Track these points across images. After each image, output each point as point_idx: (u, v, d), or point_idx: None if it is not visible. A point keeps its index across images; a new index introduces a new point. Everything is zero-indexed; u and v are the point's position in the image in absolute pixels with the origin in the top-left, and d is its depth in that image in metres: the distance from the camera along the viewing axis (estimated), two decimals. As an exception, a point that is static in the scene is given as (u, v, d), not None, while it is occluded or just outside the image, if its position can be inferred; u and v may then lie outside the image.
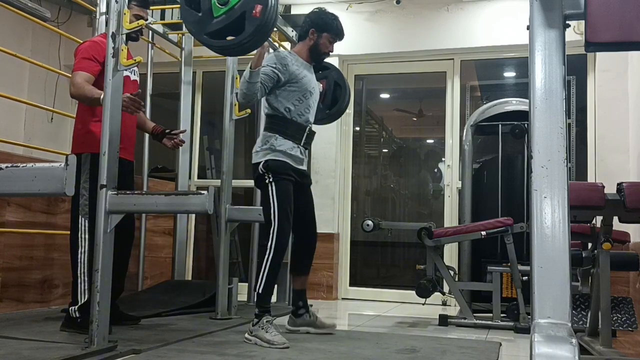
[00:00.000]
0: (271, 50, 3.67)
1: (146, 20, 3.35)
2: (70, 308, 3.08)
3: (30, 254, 3.98)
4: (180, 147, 3.71)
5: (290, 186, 3.15)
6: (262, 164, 3.13)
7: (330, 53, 3.38)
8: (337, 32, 3.33)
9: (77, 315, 3.05)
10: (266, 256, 3.04)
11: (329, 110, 3.67)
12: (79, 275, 3.09)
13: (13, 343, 2.75)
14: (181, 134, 3.58)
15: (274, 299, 3.16)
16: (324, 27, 3.30)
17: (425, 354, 2.85)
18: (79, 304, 3.06)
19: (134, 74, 3.42)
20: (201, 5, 2.65)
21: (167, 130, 3.54)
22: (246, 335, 3.00)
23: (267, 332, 2.92)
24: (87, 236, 3.09)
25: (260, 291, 3.04)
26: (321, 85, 3.52)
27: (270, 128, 3.21)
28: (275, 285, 4.14)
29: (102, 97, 2.92)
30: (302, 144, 3.23)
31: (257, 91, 3.05)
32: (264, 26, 2.61)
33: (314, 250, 3.46)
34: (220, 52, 2.95)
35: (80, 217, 3.11)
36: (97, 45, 3.17)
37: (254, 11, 2.57)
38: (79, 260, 3.10)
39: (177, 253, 4.79)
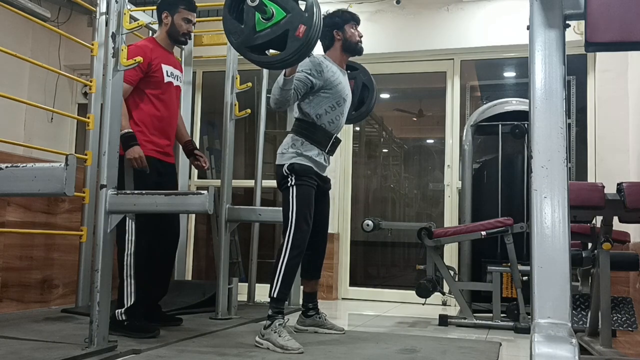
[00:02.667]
0: None
1: (194, 24, 3.38)
2: (117, 311, 3.07)
3: (30, 254, 3.98)
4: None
5: (312, 191, 3.13)
6: (286, 166, 3.10)
7: (362, 37, 3.39)
8: (354, 18, 3.38)
9: (124, 318, 3.05)
10: (281, 258, 2.98)
11: (355, 112, 3.66)
12: (125, 277, 3.10)
13: (13, 343, 2.75)
14: (205, 161, 3.56)
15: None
16: (341, 22, 3.33)
17: (425, 354, 2.86)
18: (126, 306, 3.06)
19: (177, 80, 3.40)
20: (244, 18, 2.62)
21: (196, 151, 3.54)
22: (257, 338, 2.92)
23: (280, 336, 2.85)
24: (133, 238, 3.11)
25: (275, 295, 2.95)
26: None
27: (298, 132, 3.19)
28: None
29: (122, 132, 2.96)
30: (326, 151, 3.23)
31: (290, 98, 3.02)
32: (305, 46, 2.60)
33: (324, 254, 3.46)
34: (260, 65, 2.95)
35: (127, 218, 3.12)
36: (141, 51, 3.18)
37: (297, 31, 2.55)
38: (125, 262, 3.10)
39: (177, 253, 4.78)
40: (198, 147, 5.88)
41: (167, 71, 3.29)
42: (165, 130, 3.31)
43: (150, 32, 4.73)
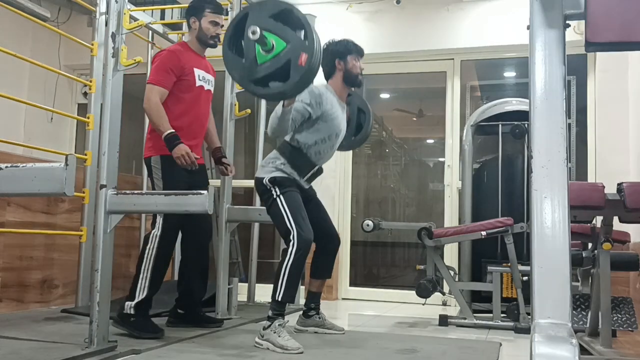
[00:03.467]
0: None
1: (222, 26, 3.38)
2: (126, 303, 3.06)
3: (30, 254, 3.98)
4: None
5: (299, 196, 3.13)
6: (267, 178, 3.11)
7: (362, 69, 3.37)
8: (358, 50, 3.37)
9: (132, 312, 3.04)
10: (286, 261, 2.94)
11: (354, 137, 3.64)
12: (142, 270, 3.09)
13: (13, 343, 2.75)
14: (232, 169, 3.59)
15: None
16: (345, 52, 3.32)
17: (425, 354, 2.86)
18: (136, 300, 3.05)
19: (209, 84, 3.40)
20: (245, 52, 2.60)
21: (224, 159, 3.56)
22: (256, 339, 2.92)
23: (279, 336, 2.84)
24: (159, 233, 3.13)
25: (279, 298, 2.92)
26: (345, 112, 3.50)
27: (282, 152, 3.19)
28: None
29: (165, 134, 3.02)
30: (305, 179, 3.22)
31: (288, 127, 3.04)
32: (308, 74, 2.59)
33: (335, 255, 3.46)
34: (264, 98, 2.95)
35: (157, 215, 3.15)
36: (174, 56, 3.22)
37: (299, 60, 2.53)
38: (145, 255, 3.11)
39: (177, 253, 4.78)
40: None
41: (198, 75, 3.30)
42: (194, 133, 3.32)
43: (150, 32, 4.74)
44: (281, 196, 3.07)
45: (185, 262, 3.47)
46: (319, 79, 2.78)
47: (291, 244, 2.96)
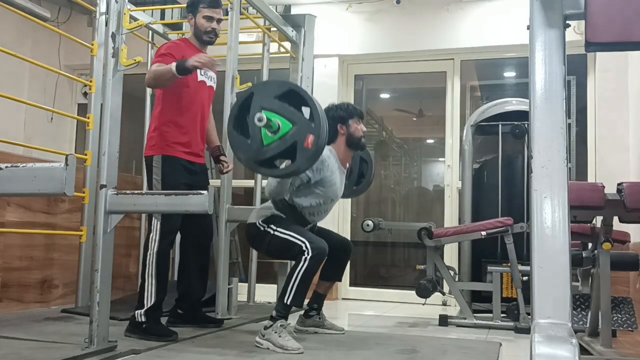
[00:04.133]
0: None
1: (219, 21, 3.37)
2: (137, 312, 3.05)
3: (30, 254, 3.98)
4: None
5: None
6: (260, 220, 3.10)
7: (365, 132, 3.37)
8: (359, 114, 3.36)
9: (143, 319, 3.03)
10: (299, 266, 2.92)
11: (356, 187, 3.65)
12: (146, 277, 3.08)
13: (13, 343, 2.75)
14: (228, 166, 3.57)
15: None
16: (346, 116, 3.31)
17: (425, 354, 2.86)
18: (146, 307, 3.04)
19: (211, 80, 3.40)
20: (250, 132, 2.59)
21: (222, 157, 3.54)
22: (257, 339, 2.91)
23: (280, 336, 2.84)
24: (158, 237, 3.11)
25: (288, 302, 2.91)
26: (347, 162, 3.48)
27: (278, 208, 3.17)
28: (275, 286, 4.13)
29: (174, 67, 2.94)
30: None
31: (287, 190, 3.07)
32: (315, 155, 2.60)
33: (348, 259, 3.48)
34: (271, 176, 2.98)
35: (153, 218, 3.14)
36: (176, 46, 3.26)
37: (305, 142, 2.52)
38: (147, 261, 3.10)
39: (177, 253, 4.78)
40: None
41: (199, 70, 3.27)
42: (195, 131, 3.31)
43: (150, 32, 4.74)
44: (279, 228, 3.05)
45: (184, 263, 3.46)
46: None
47: (305, 252, 2.93)
